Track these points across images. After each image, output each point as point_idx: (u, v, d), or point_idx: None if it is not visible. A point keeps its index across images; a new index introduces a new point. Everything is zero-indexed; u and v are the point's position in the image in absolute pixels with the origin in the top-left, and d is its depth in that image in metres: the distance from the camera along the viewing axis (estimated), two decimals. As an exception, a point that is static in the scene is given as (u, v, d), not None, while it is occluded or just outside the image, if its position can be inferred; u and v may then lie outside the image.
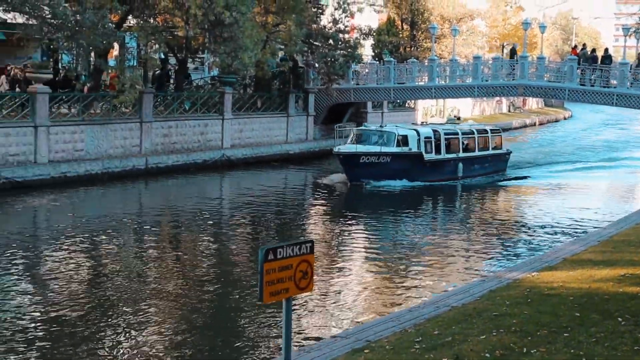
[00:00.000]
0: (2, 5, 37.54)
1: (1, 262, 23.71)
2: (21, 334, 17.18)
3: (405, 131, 41.34)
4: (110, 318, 18.72)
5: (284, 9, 47.64)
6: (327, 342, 14.07)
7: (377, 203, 37.00)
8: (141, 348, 16.56)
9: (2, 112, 35.75)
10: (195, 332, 17.73)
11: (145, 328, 17.86)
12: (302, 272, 9.17)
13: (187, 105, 45.25)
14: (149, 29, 42.88)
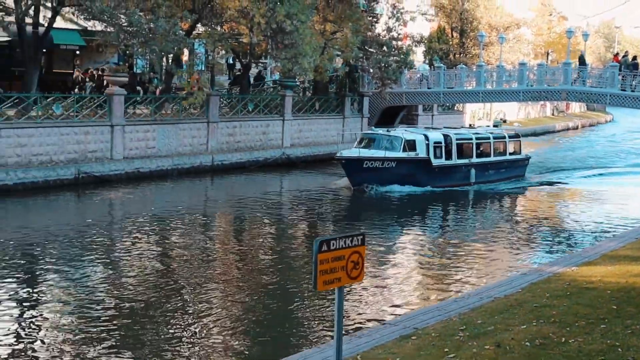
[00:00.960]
0: (83, 14, 38.24)
1: (80, 248, 24.22)
2: (97, 312, 17.51)
3: (412, 136, 38.24)
4: (177, 299, 19.01)
5: (341, 18, 47.65)
6: (376, 329, 14.15)
7: (405, 206, 35.12)
8: (204, 329, 16.78)
9: (82, 112, 36.40)
10: (254, 316, 17.89)
11: (209, 311, 18.08)
12: (353, 263, 9.22)
13: (250, 106, 45.52)
14: (216, 36, 43.33)
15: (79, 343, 15.67)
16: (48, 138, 34.37)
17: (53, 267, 22.00)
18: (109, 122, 36.84)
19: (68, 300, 18.81)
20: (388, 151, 36.70)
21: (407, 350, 11.94)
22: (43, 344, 15.79)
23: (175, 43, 38.41)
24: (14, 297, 19.16)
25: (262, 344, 16.10)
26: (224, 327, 17.06)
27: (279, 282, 20.97)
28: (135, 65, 50.90)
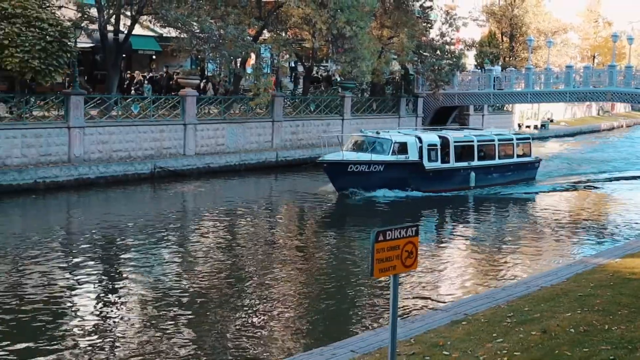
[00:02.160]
0: (159, 21, 38.84)
1: (155, 237, 24.62)
2: (170, 297, 17.80)
3: (404, 138, 34.25)
4: (243, 285, 19.24)
5: (398, 24, 47.58)
6: (429, 314, 14.17)
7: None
8: (269, 312, 16.94)
9: (158, 112, 36.99)
10: (314, 301, 18.01)
11: (273, 296, 18.26)
12: (407, 252, 9.24)
13: (312, 107, 45.72)
14: (281, 41, 43.61)
15: (153, 325, 15.95)
16: (127, 136, 35.02)
17: (131, 254, 22.44)
18: (182, 121, 37.37)
19: (144, 284, 19.15)
20: (377, 154, 33.09)
21: (457, 335, 11.94)
22: (121, 324, 16.12)
23: (243, 48, 38.82)
24: (95, 281, 19.59)
25: (323, 326, 16.21)
26: (287, 310, 17.22)
27: (338, 271, 21.06)
28: (206, 68, 51.41)
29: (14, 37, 31.57)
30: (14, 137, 31.03)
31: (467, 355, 10.95)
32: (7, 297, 17.42)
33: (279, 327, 16.05)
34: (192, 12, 36.87)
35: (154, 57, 50.03)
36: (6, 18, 32.07)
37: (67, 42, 33.70)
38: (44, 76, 32.66)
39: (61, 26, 33.73)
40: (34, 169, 31.03)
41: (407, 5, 49.09)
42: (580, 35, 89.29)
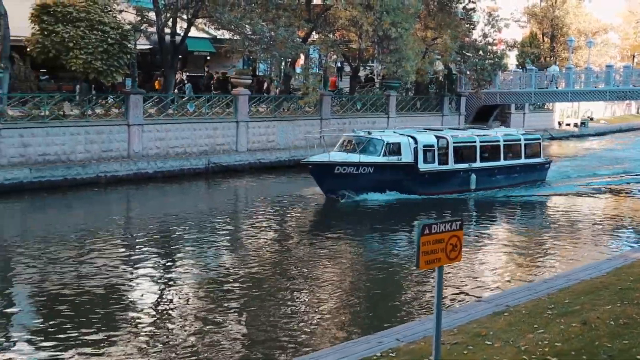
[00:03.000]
0: (214, 24, 39.18)
1: (210, 228, 24.83)
2: (224, 286, 17.95)
3: (397, 138, 31.23)
4: (292, 275, 19.30)
5: (441, 25, 47.33)
6: (472, 305, 14.08)
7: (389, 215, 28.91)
8: (317, 302, 16.98)
9: (212, 110, 37.31)
10: (362, 291, 18.04)
11: (321, 287, 18.29)
12: (452, 245, 9.23)
13: (358, 105, 45.68)
14: (329, 43, 43.71)
15: (207, 312, 16.10)
16: (183, 133, 35.37)
17: (186, 245, 22.66)
18: (235, 119, 37.65)
19: (198, 273, 19.34)
20: (368, 155, 30.33)
21: (499, 325, 11.86)
22: (176, 311, 16.30)
23: (293, 49, 38.93)
24: (153, 269, 19.84)
25: (370, 315, 16.22)
26: (335, 300, 17.25)
27: (385, 262, 21.04)
28: (258, 69, 51.66)
29: (79, 40, 32.14)
30: (78, 134, 31.57)
31: (509, 345, 10.87)
32: (72, 284, 17.74)
33: (326, 316, 16.08)
34: (244, 15, 37.04)
35: (209, 57, 50.38)
36: (71, 22, 32.63)
37: (127, 44, 34.21)
38: (106, 76, 33.22)
39: (122, 29, 34.24)
40: (96, 164, 31.54)
41: (451, 7, 48.81)
42: (620, 36, 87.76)
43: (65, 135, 31.13)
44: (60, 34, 32.41)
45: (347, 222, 27.12)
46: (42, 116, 31.10)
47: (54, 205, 28.62)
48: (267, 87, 46.80)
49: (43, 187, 29.37)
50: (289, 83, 44.57)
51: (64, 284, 17.66)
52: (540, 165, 36.84)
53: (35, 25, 33.39)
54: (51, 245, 21.70)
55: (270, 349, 13.81)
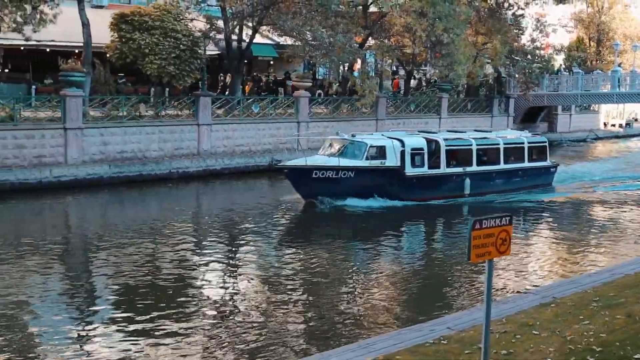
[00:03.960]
0: (277, 31, 39.45)
1: (272, 221, 24.97)
2: (284, 276, 18.12)
3: (382, 141, 28.15)
4: (347, 268, 19.37)
5: (491, 31, 46.83)
6: (519, 297, 13.97)
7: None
8: (373, 293, 17.03)
9: (275, 111, 37.59)
10: (415, 283, 18.04)
11: (378, 279, 18.35)
12: (501, 240, 9.19)
13: (412, 106, 45.50)
14: (384, 48, 43.66)
15: (269, 300, 16.28)
16: (248, 132, 35.71)
17: (251, 236, 22.88)
18: (296, 119, 37.84)
19: (262, 263, 19.55)
20: (350, 159, 27.30)
21: (546, 316, 11.76)
22: (242, 301, 16.51)
23: (350, 54, 38.96)
24: (220, 259, 20.11)
25: (422, 305, 16.20)
26: (389, 291, 17.31)
27: (438, 256, 20.99)
28: (317, 72, 51.80)
29: (153, 47, 32.74)
30: (153, 133, 32.11)
31: (556, 335, 10.78)
32: (144, 271, 18.10)
33: (382, 306, 16.14)
34: (305, 22, 37.20)
35: (272, 62, 50.72)
36: (147, 30, 33.24)
37: (197, 50, 34.69)
38: (178, 80, 33.74)
39: (193, 36, 34.74)
40: (169, 161, 32.04)
41: (500, 13, 48.30)
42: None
43: (141, 135, 31.71)
44: (137, 41, 33.05)
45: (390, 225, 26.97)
46: (120, 117, 31.74)
47: (131, 198, 29.23)
48: (326, 89, 46.94)
49: (121, 182, 29.98)
50: (346, 86, 44.61)
51: (138, 273, 18.02)
52: (545, 169, 33.57)
53: (115, 33, 34.11)
54: (128, 235, 22.17)
55: (333, 335, 13.91)
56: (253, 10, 36.90)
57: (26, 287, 16.63)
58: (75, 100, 29.73)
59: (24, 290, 16.39)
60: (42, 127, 29.12)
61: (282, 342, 13.47)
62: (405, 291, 17.50)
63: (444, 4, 38.87)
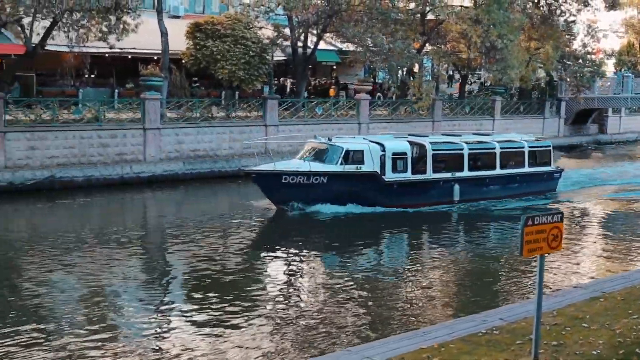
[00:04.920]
0: (339, 38, 39.48)
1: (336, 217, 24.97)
2: (348, 266, 18.09)
3: (359, 146, 25.04)
4: (407, 264, 19.25)
5: (544, 36, 45.94)
6: (569, 290, 13.71)
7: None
8: (431, 287, 16.90)
9: (337, 113, 37.64)
10: (470, 277, 17.85)
11: (438, 273, 18.20)
12: (553, 236, 9.07)
13: (467, 109, 44.97)
14: (440, 53, 43.27)
15: (336, 288, 16.28)
16: (311, 132, 35.65)
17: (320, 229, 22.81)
18: (357, 121, 37.77)
19: (325, 257, 19.56)
20: (325, 164, 24.50)
21: (595, 310, 11.49)
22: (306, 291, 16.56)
23: (408, 59, 38.77)
24: (281, 253, 20.19)
25: (475, 297, 16.03)
26: (446, 284, 17.17)
27: (491, 251, 20.73)
28: (377, 76, 51.63)
29: (225, 53, 33.16)
30: (224, 133, 32.49)
31: (605, 328, 10.53)
32: (213, 262, 18.32)
33: (436, 296, 16.03)
34: (367, 29, 37.14)
35: (335, 67, 50.75)
36: (219, 37, 33.69)
37: (265, 56, 34.99)
38: (247, 84, 34.08)
39: (261, 43, 35.04)
40: (238, 159, 32.28)
41: (553, 20, 47.34)
42: None
43: (213, 134, 32.11)
44: (210, 48, 33.51)
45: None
46: (194, 118, 32.21)
47: (203, 193, 29.66)
48: (385, 92, 46.77)
49: (193, 178, 30.44)
50: (404, 89, 44.36)
51: (208, 263, 18.27)
52: (548, 174, 29.95)
53: (190, 41, 34.65)
54: (202, 228, 22.48)
55: (391, 324, 13.87)
56: (318, 19, 36.98)
57: (108, 275, 17.02)
58: (153, 102, 30.31)
59: (106, 277, 16.78)
60: (124, 128, 29.80)
61: (344, 329, 13.49)
62: (464, 284, 17.34)
63: (498, 12, 38.37)
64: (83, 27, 29.54)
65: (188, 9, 44.15)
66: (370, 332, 13.17)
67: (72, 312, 14.20)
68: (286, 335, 13.13)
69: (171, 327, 13.55)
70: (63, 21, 29.05)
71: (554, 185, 30.29)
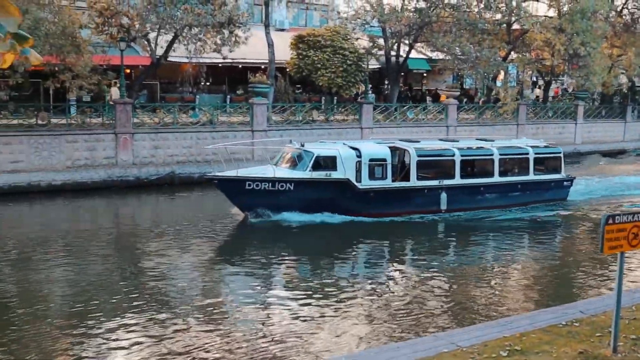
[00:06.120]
0: (430, 47, 39.08)
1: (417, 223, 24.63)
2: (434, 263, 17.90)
3: (332, 151, 21.71)
4: (481, 263, 18.88)
5: (626, 44, 44.03)
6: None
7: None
8: (510, 281, 16.55)
9: (427, 116, 37.31)
10: (547, 274, 17.37)
11: (516, 268, 17.79)
12: (633, 234, 8.74)
13: (550, 113, 43.62)
14: (525, 60, 42.19)
15: (426, 282, 16.17)
16: (403, 134, 35.49)
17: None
18: (445, 124, 37.28)
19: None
20: (296, 169, 21.53)
21: (675, 306, 10.98)
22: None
23: (494, 66, 38.01)
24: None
25: (554, 292, 15.60)
26: (525, 279, 16.78)
27: (569, 250, 20.09)
28: (464, 82, 50.80)
29: (325, 62, 33.51)
30: (323, 135, 32.73)
31: (683, 324, 10.03)
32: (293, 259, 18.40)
33: (517, 289, 15.69)
34: (455, 39, 36.65)
35: (425, 74, 50.28)
36: (320, 48, 34.06)
37: (361, 64, 35.06)
38: (345, 90, 34.24)
39: (358, 53, 35.19)
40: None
41: (635, 28, 45.27)
42: None
43: (313, 136, 32.41)
44: (311, 57, 33.94)
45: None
46: (296, 121, 32.66)
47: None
48: (472, 98, 45.98)
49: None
50: (490, 94, 43.47)
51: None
52: (556, 182, 25.74)
53: (293, 52, 35.17)
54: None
55: (473, 314, 13.71)
56: (410, 30, 36.77)
57: (221, 259, 17.44)
58: (261, 107, 30.92)
59: (220, 262, 17.19)
60: (235, 129, 30.55)
61: (429, 319, 13.42)
62: (544, 279, 16.89)
63: (581, 21, 37.08)
64: (200, 41, 30.50)
65: (292, 22, 44.81)
66: (454, 322, 13.05)
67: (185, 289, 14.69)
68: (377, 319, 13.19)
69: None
70: (183, 35, 30.09)
71: (564, 194, 26.00)
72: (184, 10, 28.67)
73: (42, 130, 26.56)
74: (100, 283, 15.21)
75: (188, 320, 12.67)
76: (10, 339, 11.68)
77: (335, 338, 11.99)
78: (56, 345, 11.53)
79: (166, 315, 12.93)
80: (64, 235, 19.95)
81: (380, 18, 35.60)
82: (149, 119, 29.38)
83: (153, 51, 30.90)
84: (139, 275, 15.89)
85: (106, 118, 28.39)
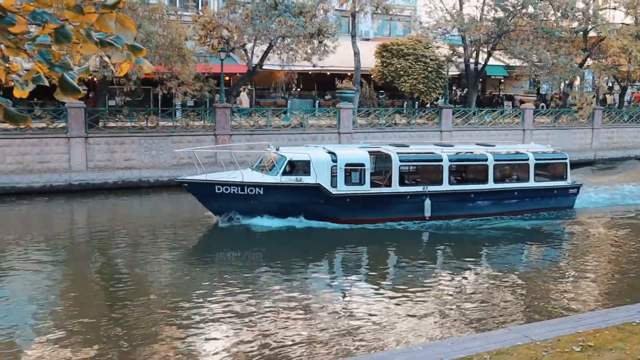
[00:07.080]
0: (507, 54, 38.06)
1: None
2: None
3: (305, 156, 19.90)
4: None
5: None
6: None
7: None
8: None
9: (503, 120, 36.33)
10: (619, 269, 16.59)
11: (588, 264, 17.09)
12: None
13: (625, 117, 41.55)
14: (601, 67, 40.31)
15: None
16: (481, 138, 34.71)
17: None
18: (522, 127, 36.15)
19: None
20: (269, 174, 19.83)
21: None
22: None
23: (571, 73, 36.56)
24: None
25: (629, 291, 14.87)
26: (598, 276, 16.08)
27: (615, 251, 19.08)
28: (541, 88, 49.16)
29: (407, 69, 33.20)
30: (405, 137, 32.43)
31: None
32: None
33: (590, 287, 15.06)
34: (532, 47, 35.50)
35: (502, 80, 48.99)
36: (402, 56, 33.81)
37: (442, 71, 34.52)
38: (426, 95, 33.81)
39: (438, 60, 34.67)
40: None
41: None
42: None
43: (396, 138, 32.13)
44: (394, 65, 33.71)
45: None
46: (380, 124, 32.51)
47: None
48: (548, 103, 44.38)
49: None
50: (566, 100, 41.86)
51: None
52: (560, 189, 23.00)
53: (378, 60, 35.06)
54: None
55: (545, 309, 13.28)
56: (488, 38, 35.91)
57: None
58: (347, 111, 30.98)
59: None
60: (323, 132, 30.73)
61: (507, 313, 13.09)
62: (617, 276, 16.13)
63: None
64: (292, 50, 30.86)
65: (377, 32, 44.67)
66: (529, 316, 12.66)
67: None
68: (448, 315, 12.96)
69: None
70: (277, 45, 30.53)
71: (570, 202, 23.29)
72: (278, 22, 29.08)
73: (152, 131, 27.63)
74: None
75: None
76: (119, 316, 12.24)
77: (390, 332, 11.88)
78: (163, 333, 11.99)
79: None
80: (171, 225, 20.82)
81: (460, 27, 34.94)
82: (245, 122, 30.00)
83: (249, 60, 31.53)
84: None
85: (207, 121, 29.20)
